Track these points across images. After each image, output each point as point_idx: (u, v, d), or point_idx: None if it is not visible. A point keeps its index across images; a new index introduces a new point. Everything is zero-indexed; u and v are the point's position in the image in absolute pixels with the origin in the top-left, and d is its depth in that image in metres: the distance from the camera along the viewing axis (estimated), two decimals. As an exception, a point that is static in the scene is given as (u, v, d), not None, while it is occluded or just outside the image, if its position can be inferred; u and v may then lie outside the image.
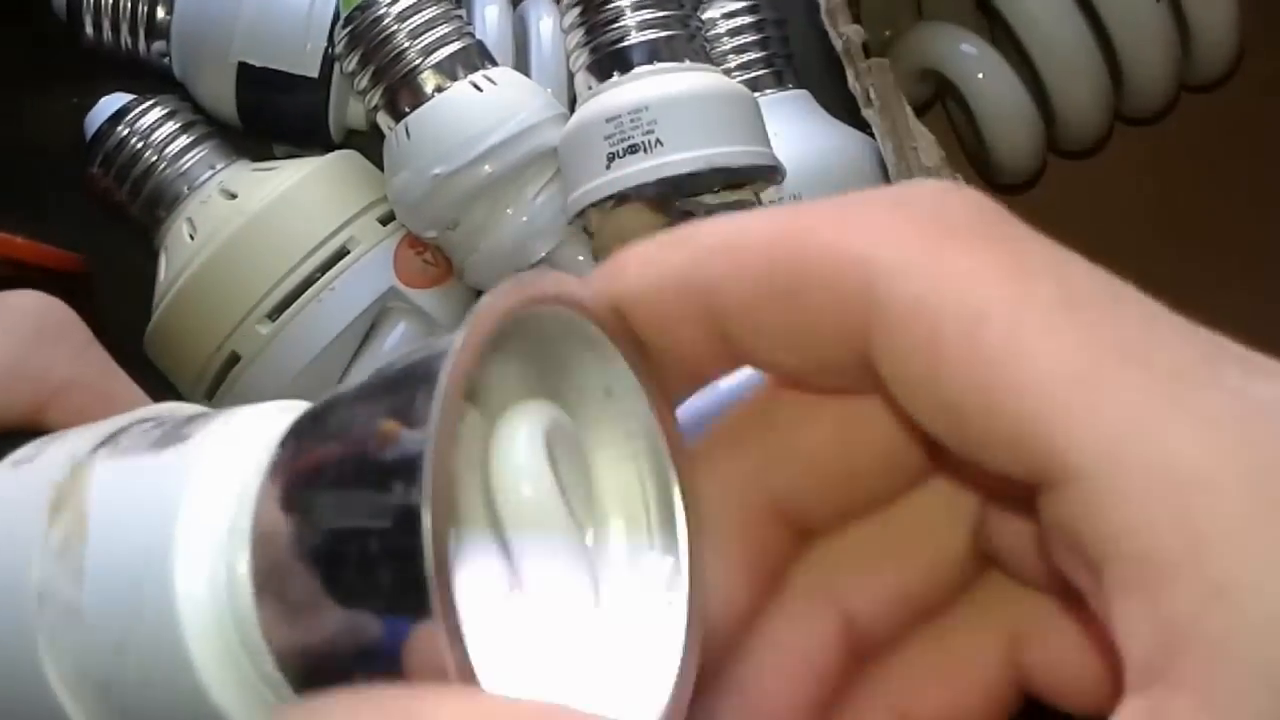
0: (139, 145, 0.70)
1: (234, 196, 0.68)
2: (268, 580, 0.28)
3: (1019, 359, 0.26)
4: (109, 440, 0.33)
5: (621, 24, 0.64)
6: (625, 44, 0.64)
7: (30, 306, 0.44)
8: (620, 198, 0.62)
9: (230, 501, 0.29)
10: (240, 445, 0.30)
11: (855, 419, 0.32)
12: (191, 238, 0.67)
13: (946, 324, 0.26)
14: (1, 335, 0.42)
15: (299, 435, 0.29)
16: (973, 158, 0.84)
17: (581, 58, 0.65)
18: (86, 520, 0.31)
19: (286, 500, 0.28)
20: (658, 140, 0.61)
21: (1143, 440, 0.24)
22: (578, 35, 0.65)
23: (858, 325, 0.28)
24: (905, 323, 0.27)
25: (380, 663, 0.26)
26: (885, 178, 0.72)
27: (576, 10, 0.65)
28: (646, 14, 0.64)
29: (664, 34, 0.64)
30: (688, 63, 0.64)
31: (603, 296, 0.30)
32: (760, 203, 0.66)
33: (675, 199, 0.63)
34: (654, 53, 0.63)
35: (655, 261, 0.30)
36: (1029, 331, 0.26)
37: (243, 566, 0.28)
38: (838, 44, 0.63)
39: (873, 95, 0.62)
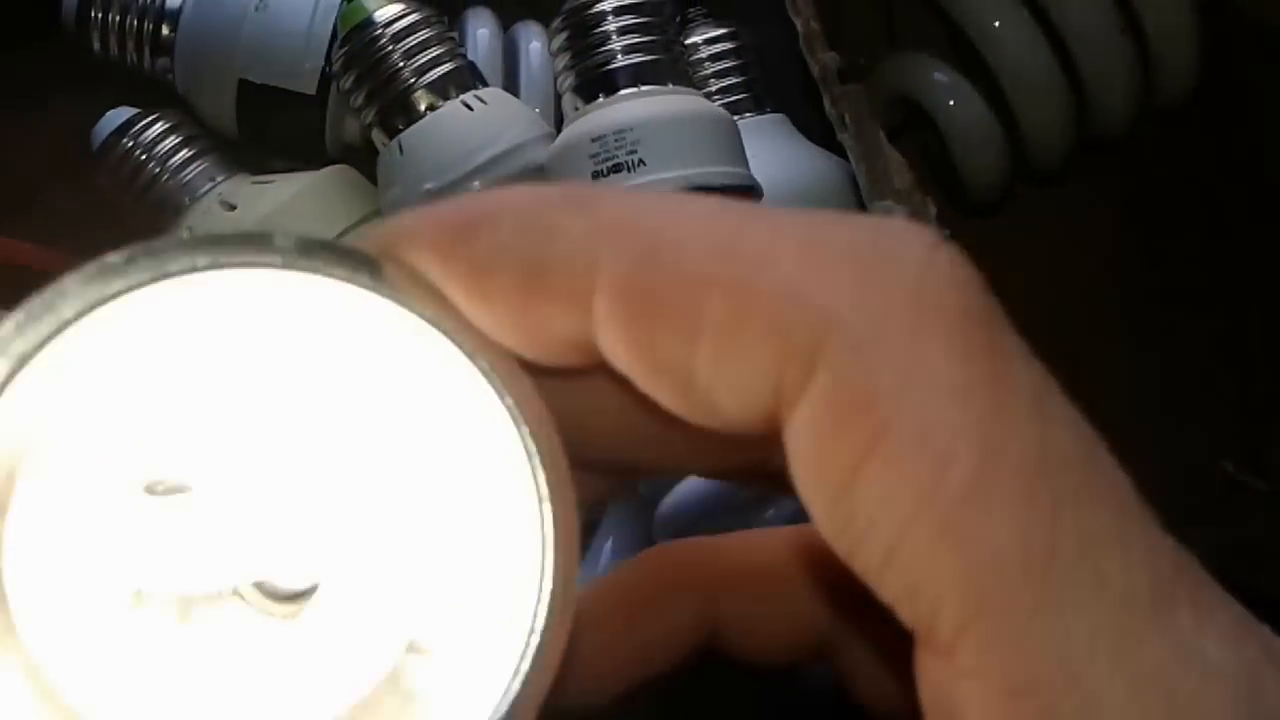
0: (143, 157, 0.72)
1: (233, 208, 0.70)
2: None
3: (974, 522, 0.23)
4: None
5: (608, 48, 0.65)
6: (611, 67, 0.65)
7: None
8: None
9: None
10: None
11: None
12: (192, 248, 0.68)
13: (909, 437, 0.23)
14: None
15: None
16: (942, 182, 0.85)
17: (569, 80, 0.66)
18: None
19: None
20: (640, 160, 0.62)
21: (1064, 685, 0.23)
22: (565, 58, 0.67)
23: (790, 388, 0.25)
24: (854, 411, 0.24)
25: None
26: (859, 199, 0.74)
27: (564, 34, 0.67)
28: (632, 39, 0.65)
29: (648, 58, 0.65)
30: (671, 86, 0.65)
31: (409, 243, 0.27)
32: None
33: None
34: (638, 76, 0.65)
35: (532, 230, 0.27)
36: (990, 497, 0.23)
37: None
38: (814, 70, 0.64)
39: (847, 120, 0.63)
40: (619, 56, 0.65)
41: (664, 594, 0.34)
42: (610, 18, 0.65)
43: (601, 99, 0.65)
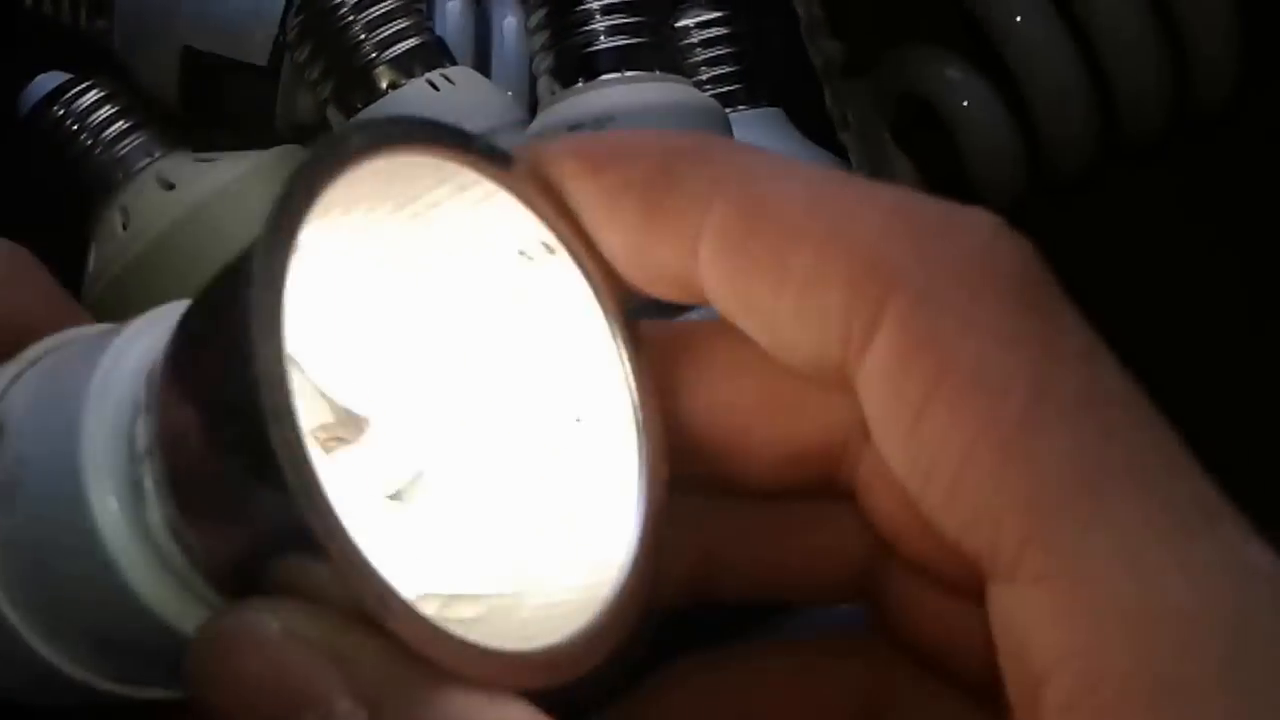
0: (74, 127, 0.67)
1: (172, 187, 0.65)
2: (171, 487, 0.30)
3: (1030, 442, 0.26)
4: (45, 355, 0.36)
5: (590, 28, 0.61)
6: (593, 49, 0.61)
7: None
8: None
9: (127, 409, 0.31)
10: (133, 352, 0.33)
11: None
12: (124, 228, 0.65)
13: (958, 377, 0.27)
14: None
15: (174, 343, 0.31)
16: (951, 187, 0.82)
17: (546, 61, 0.63)
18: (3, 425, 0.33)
19: (172, 405, 0.30)
20: (622, 152, 0.59)
21: (1124, 573, 0.25)
22: (543, 37, 0.63)
23: (859, 334, 0.28)
24: (917, 354, 0.27)
25: (292, 549, 0.27)
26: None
27: (543, 11, 0.63)
28: (617, 19, 0.61)
29: (634, 41, 0.62)
30: (657, 73, 0.62)
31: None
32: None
33: (639, 212, 0.61)
34: (622, 60, 0.61)
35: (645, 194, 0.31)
36: (1047, 420, 0.26)
37: (147, 480, 0.30)
38: (816, 61, 0.62)
39: (850, 118, 0.61)
40: (602, 38, 0.61)
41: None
42: (595, -7, 0.62)
43: (581, 83, 0.61)
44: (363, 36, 0.63)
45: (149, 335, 0.33)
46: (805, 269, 0.29)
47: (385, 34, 0.64)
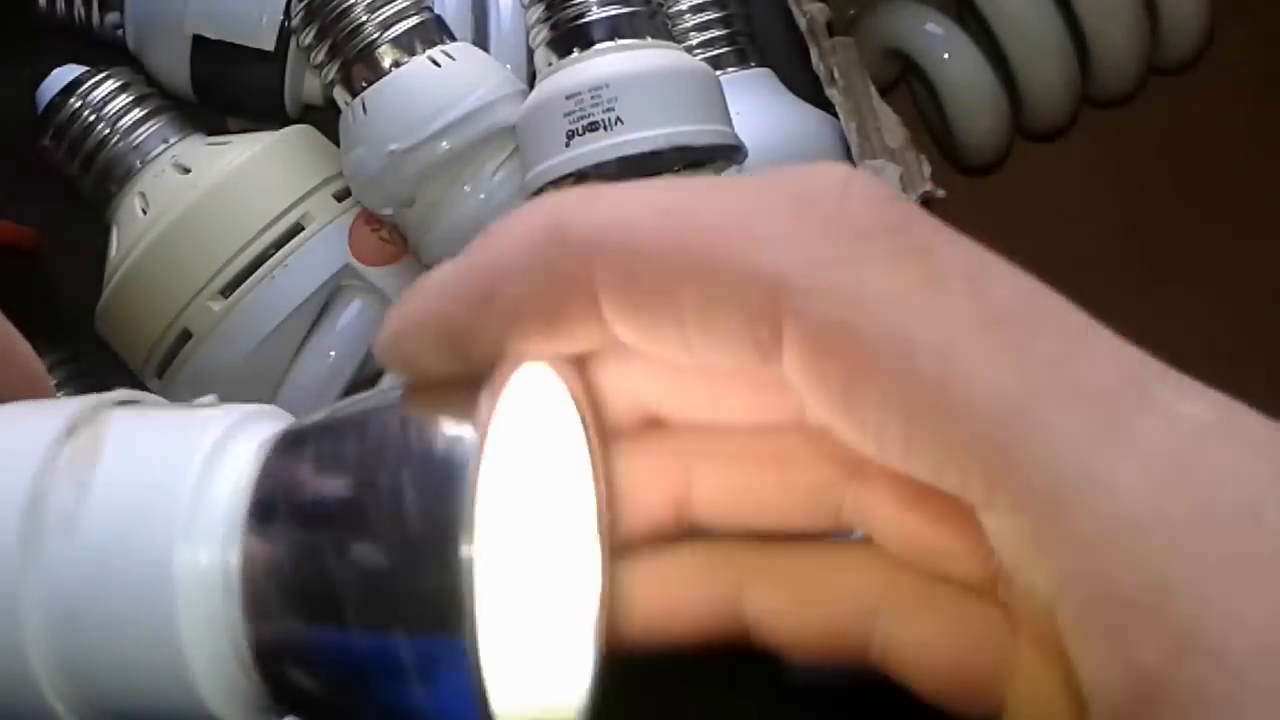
0: (91, 118, 0.69)
1: (187, 171, 0.67)
2: (258, 588, 0.29)
3: (952, 388, 0.26)
4: (125, 403, 0.33)
5: (582, 0, 0.63)
6: (586, 20, 0.62)
7: None
8: (580, 176, 0.61)
9: (232, 492, 0.30)
10: (245, 440, 0.31)
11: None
12: (144, 212, 0.66)
13: (868, 349, 0.27)
14: None
15: (294, 452, 0.30)
16: (937, 139, 0.83)
17: (541, 33, 0.64)
18: (103, 444, 0.31)
19: (286, 515, 0.29)
20: (618, 118, 0.60)
21: (1088, 478, 0.25)
22: (538, 10, 0.64)
23: (768, 342, 0.28)
24: (821, 347, 0.28)
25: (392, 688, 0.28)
26: (849, 158, 0.71)
27: None
28: None
29: (625, 10, 0.63)
30: (649, 40, 0.63)
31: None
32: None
33: (636, 177, 0.62)
34: (615, 29, 0.62)
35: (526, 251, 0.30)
36: (959, 358, 0.26)
37: (234, 559, 0.29)
38: (801, 22, 0.62)
39: (836, 75, 0.62)
40: (595, 9, 0.63)
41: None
42: (586, -33, 0.63)
43: (576, 54, 0.62)
44: (364, 18, 0.64)
45: (242, 447, 0.31)
46: (695, 303, 0.29)
47: (386, 14, 0.64)
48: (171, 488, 0.30)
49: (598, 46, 0.62)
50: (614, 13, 0.63)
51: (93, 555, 0.30)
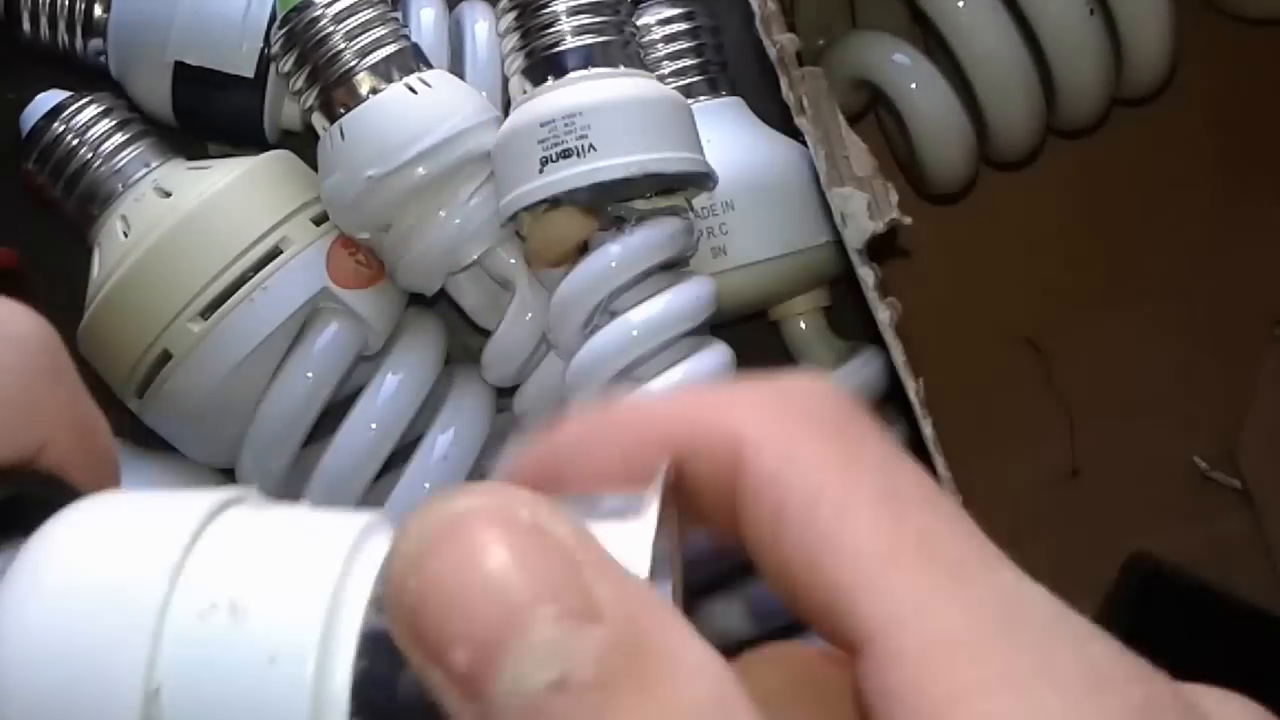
0: (74, 142, 0.70)
1: (168, 195, 0.68)
2: None
3: (840, 537, 0.30)
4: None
5: (557, 29, 0.64)
6: (560, 49, 0.64)
7: (30, 332, 0.38)
8: (553, 201, 0.62)
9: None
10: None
11: None
12: (125, 235, 0.67)
13: (790, 499, 0.31)
14: (7, 374, 0.36)
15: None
16: (905, 168, 0.84)
17: (516, 62, 0.65)
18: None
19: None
20: (591, 145, 0.61)
21: (923, 615, 0.29)
22: (513, 39, 0.65)
23: (728, 490, 0.32)
24: (759, 493, 0.32)
25: None
26: (818, 185, 0.72)
27: (512, 15, 0.65)
28: (582, 19, 0.64)
29: (599, 39, 0.64)
30: (622, 69, 0.64)
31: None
32: (691, 208, 0.67)
33: (608, 203, 0.64)
34: (589, 58, 0.64)
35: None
36: (851, 515, 0.30)
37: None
38: (771, 52, 0.63)
39: (805, 104, 0.62)
40: (569, 38, 0.64)
41: None
42: (561, -2, 0.64)
43: (550, 82, 0.64)
44: (342, 45, 0.65)
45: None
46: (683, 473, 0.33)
47: (364, 42, 0.65)
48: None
49: (571, 75, 0.63)
50: (588, 42, 0.64)
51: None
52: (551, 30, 0.64)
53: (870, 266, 0.61)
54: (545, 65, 0.64)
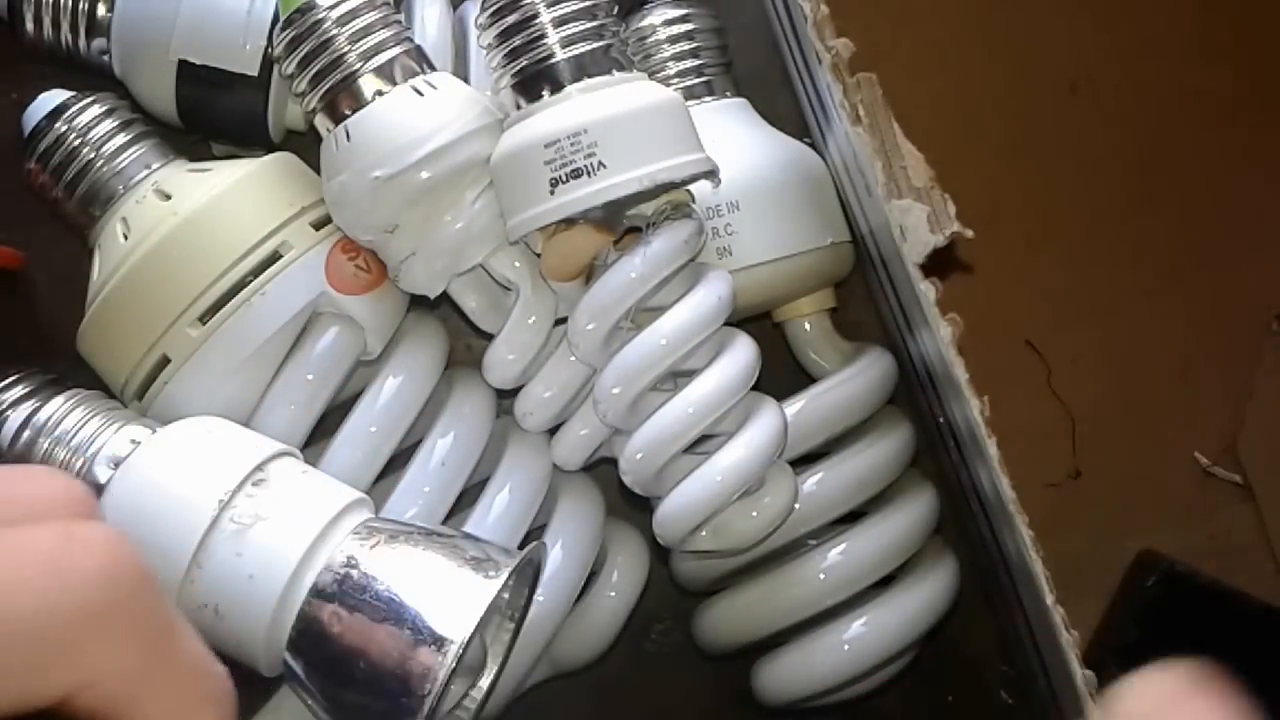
0: (76, 142, 0.69)
1: (169, 197, 0.67)
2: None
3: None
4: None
5: (546, 42, 0.63)
6: (552, 62, 0.63)
7: (94, 566, 0.37)
8: (568, 221, 0.62)
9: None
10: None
11: None
12: (125, 238, 0.67)
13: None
14: (62, 594, 0.36)
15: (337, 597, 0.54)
16: None
17: (505, 78, 0.64)
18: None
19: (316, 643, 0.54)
20: (600, 163, 0.60)
21: None
22: (498, 55, 0.64)
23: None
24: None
25: None
26: (834, 186, 0.72)
27: (493, 30, 0.64)
28: (569, 29, 0.63)
29: (589, 47, 0.63)
30: (615, 74, 0.63)
31: None
32: (693, 198, 0.66)
33: (620, 215, 0.63)
34: (581, 68, 0.63)
35: None
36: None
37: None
38: (825, 58, 0.62)
39: (861, 113, 0.61)
40: (559, 51, 0.63)
41: None
42: (543, 9, 0.63)
43: (546, 95, 0.63)
44: (346, 48, 0.64)
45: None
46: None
47: (368, 44, 0.64)
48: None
49: (569, 89, 0.63)
50: (577, 52, 0.63)
51: None
52: (540, 45, 0.63)
53: (931, 282, 0.60)
54: (538, 80, 0.63)
